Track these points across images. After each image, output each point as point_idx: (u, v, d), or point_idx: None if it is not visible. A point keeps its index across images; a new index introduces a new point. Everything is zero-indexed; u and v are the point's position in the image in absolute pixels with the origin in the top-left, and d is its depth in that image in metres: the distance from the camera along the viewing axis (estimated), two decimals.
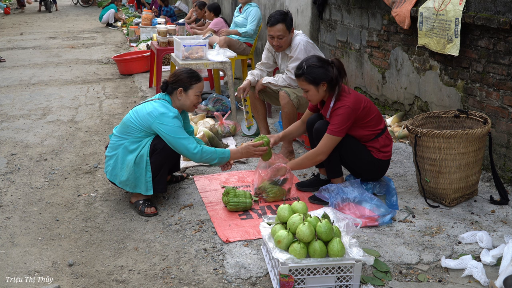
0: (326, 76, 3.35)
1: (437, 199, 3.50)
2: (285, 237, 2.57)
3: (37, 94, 7.11)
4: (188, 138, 3.42)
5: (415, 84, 4.80)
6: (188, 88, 3.53)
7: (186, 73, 3.56)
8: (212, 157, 3.47)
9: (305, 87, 3.41)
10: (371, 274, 2.71)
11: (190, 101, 3.56)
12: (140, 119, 3.43)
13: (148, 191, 3.44)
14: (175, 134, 3.38)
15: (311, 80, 3.36)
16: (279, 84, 4.40)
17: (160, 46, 6.72)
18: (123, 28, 13.52)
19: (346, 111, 3.32)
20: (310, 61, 3.39)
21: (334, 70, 3.36)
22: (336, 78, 3.36)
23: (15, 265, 2.92)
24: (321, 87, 3.38)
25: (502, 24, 3.56)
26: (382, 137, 3.50)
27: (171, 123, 3.38)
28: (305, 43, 4.34)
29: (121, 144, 3.48)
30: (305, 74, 3.36)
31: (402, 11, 4.62)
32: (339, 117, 3.33)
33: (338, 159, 3.50)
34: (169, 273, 2.80)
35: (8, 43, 11.87)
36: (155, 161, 3.42)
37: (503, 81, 3.71)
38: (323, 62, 3.40)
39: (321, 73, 3.35)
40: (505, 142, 3.76)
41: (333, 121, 3.35)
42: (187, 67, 3.63)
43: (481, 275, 2.63)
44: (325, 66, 3.37)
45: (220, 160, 3.52)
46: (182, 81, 3.52)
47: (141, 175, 3.42)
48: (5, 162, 4.53)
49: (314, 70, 3.35)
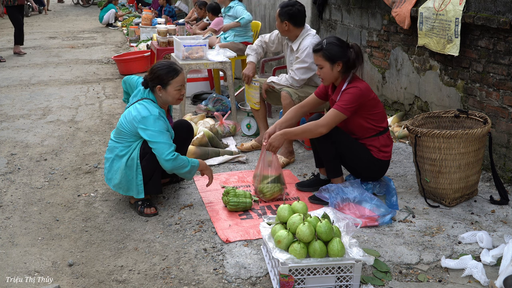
0: (343, 56, 3.38)
1: (437, 199, 3.50)
2: (285, 237, 2.57)
3: (37, 94, 7.11)
4: (165, 144, 3.31)
5: (415, 84, 4.80)
6: (166, 85, 3.43)
7: (162, 69, 3.44)
8: (184, 164, 3.37)
9: (320, 63, 3.43)
10: (371, 274, 2.71)
11: (172, 97, 3.47)
12: (128, 124, 3.41)
13: (139, 194, 3.44)
14: (154, 138, 3.31)
15: (328, 57, 3.38)
16: (281, 83, 4.40)
17: (160, 46, 6.72)
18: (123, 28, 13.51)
19: (357, 92, 3.35)
20: (330, 39, 3.43)
21: (353, 54, 3.39)
22: (353, 62, 3.39)
23: (15, 265, 2.92)
24: (336, 67, 3.40)
25: (502, 24, 3.56)
26: (383, 136, 3.50)
27: (152, 126, 3.32)
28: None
29: (116, 148, 3.49)
30: (323, 49, 3.39)
31: (402, 11, 4.62)
32: (348, 95, 3.35)
33: (338, 158, 3.50)
34: (169, 273, 2.80)
35: (8, 43, 11.87)
36: (145, 166, 3.41)
37: (503, 81, 3.71)
38: (343, 43, 3.44)
39: (339, 52, 3.38)
40: (505, 142, 3.76)
41: (342, 98, 3.36)
42: (166, 61, 3.54)
43: (481, 275, 2.63)
44: (344, 47, 3.41)
45: (191, 169, 3.42)
46: (159, 78, 3.43)
47: (132, 178, 3.42)
48: (5, 162, 4.53)
49: (333, 47, 3.39)
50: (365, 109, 3.41)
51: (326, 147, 3.45)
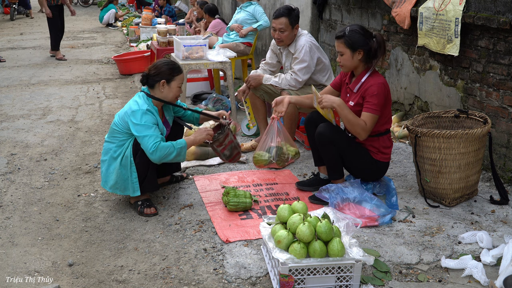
0: (365, 44, 3.35)
1: (437, 199, 3.50)
2: (285, 237, 2.57)
3: (37, 94, 7.11)
4: (150, 136, 3.29)
5: (415, 84, 4.80)
6: (170, 80, 3.48)
7: (167, 65, 3.50)
8: (170, 150, 3.34)
9: (341, 50, 3.40)
10: (371, 274, 2.71)
11: (173, 93, 3.52)
12: (120, 120, 3.44)
13: (135, 192, 3.44)
14: (140, 132, 3.32)
15: (350, 44, 3.36)
16: (282, 87, 4.41)
17: (160, 46, 6.73)
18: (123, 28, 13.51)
19: (382, 91, 3.33)
20: (353, 27, 3.41)
21: (375, 44, 3.36)
22: (375, 51, 3.36)
23: (15, 265, 2.93)
24: (357, 55, 3.37)
25: (502, 24, 3.56)
26: (383, 137, 3.49)
27: (140, 120, 3.34)
28: (310, 44, 4.35)
29: (110, 148, 3.49)
30: (345, 36, 3.36)
31: (402, 11, 4.62)
32: (377, 96, 3.32)
33: (340, 160, 3.50)
34: (169, 273, 2.80)
35: (8, 43, 11.87)
36: (139, 162, 3.41)
37: (503, 81, 3.71)
38: (366, 31, 3.41)
39: (361, 40, 3.35)
40: (505, 142, 3.76)
41: (372, 101, 3.32)
42: (167, 59, 3.60)
43: (481, 275, 2.63)
44: (367, 36, 3.38)
45: (179, 151, 3.39)
46: (164, 73, 3.47)
47: (128, 177, 3.43)
48: (5, 162, 4.53)
49: (356, 35, 3.35)
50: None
51: (328, 149, 3.44)
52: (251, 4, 6.76)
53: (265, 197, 3.69)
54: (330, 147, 3.42)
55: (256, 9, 6.67)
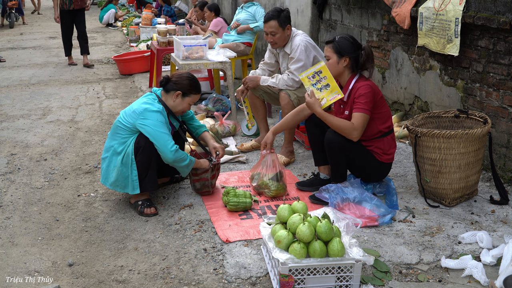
0: (351, 52, 3.41)
1: (437, 199, 3.50)
2: (285, 237, 2.57)
3: (37, 94, 7.11)
4: (169, 135, 3.42)
5: (415, 84, 4.80)
6: (186, 95, 3.54)
7: (191, 80, 3.57)
8: (185, 157, 3.46)
9: (328, 55, 3.48)
10: (371, 274, 2.71)
11: (182, 107, 3.58)
12: (127, 116, 3.46)
13: (134, 190, 3.45)
14: (157, 127, 3.37)
15: (337, 50, 3.43)
16: (279, 87, 4.40)
17: (160, 46, 6.72)
18: (123, 28, 13.51)
19: (369, 90, 3.36)
20: (344, 35, 3.49)
21: (363, 55, 3.42)
22: (363, 63, 3.43)
23: (15, 265, 2.93)
24: (342, 61, 3.43)
25: (502, 24, 3.56)
26: (388, 138, 3.49)
27: (154, 117, 3.39)
28: (306, 43, 4.35)
29: (111, 146, 3.50)
30: (335, 42, 3.45)
31: (402, 11, 4.62)
32: (364, 96, 3.35)
33: (345, 163, 3.50)
34: (169, 273, 2.80)
35: (8, 43, 11.87)
36: (140, 160, 3.42)
37: (503, 81, 3.71)
38: (356, 42, 3.48)
39: (349, 47, 3.42)
40: (505, 142, 3.76)
41: (360, 100, 3.35)
42: (191, 74, 3.64)
43: (481, 275, 2.63)
44: (355, 45, 3.45)
45: (189, 163, 3.50)
46: (184, 85, 3.53)
47: (128, 175, 3.44)
48: (5, 162, 4.53)
49: (344, 42, 3.43)
50: (374, 108, 3.41)
51: (336, 156, 3.44)
52: (253, 5, 6.77)
53: (265, 197, 3.69)
54: (338, 154, 3.43)
55: (257, 10, 6.70)
